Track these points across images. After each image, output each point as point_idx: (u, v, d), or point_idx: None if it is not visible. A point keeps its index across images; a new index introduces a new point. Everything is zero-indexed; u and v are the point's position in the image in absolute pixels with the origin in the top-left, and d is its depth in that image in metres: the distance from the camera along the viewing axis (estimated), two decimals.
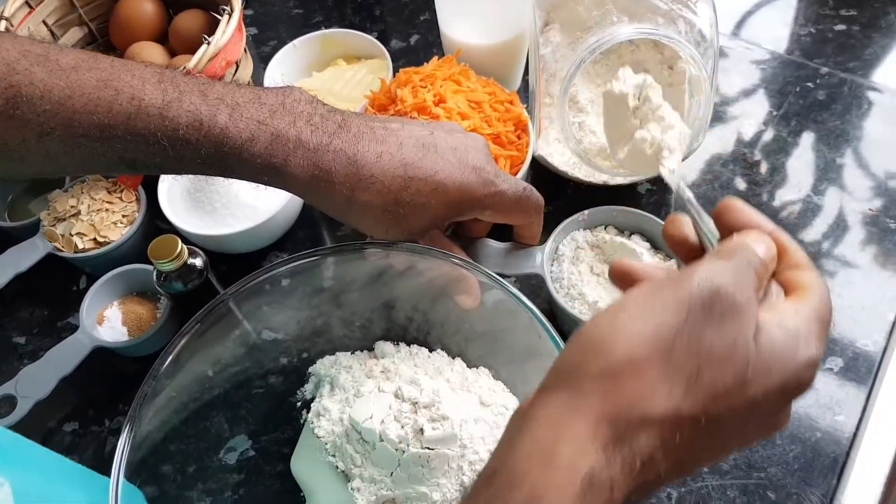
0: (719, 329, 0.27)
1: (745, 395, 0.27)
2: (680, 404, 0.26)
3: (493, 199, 0.45)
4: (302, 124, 0.42)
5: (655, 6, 0.54)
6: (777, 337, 0.27)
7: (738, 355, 0.26)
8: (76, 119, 0.39)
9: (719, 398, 0.26)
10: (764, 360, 0.27)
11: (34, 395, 0.52)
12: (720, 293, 0.27)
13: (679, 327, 0.27)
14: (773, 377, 0.27)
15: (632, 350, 0.27)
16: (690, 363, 0.26)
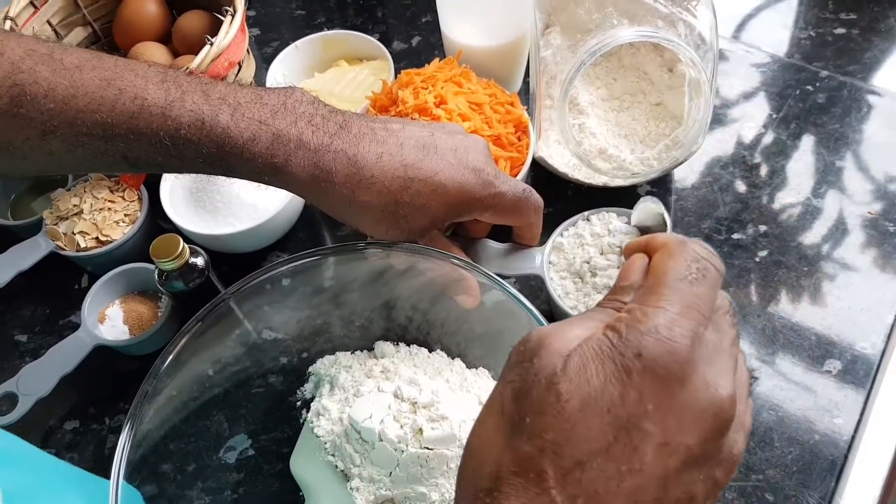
0: (527, 365, 0.26)
1: (566, 400, 0.24)
2: (517, 445, 0.25)
3: (493, 200, 0.45)
4: (303, 125, 0.42)
5: (655, 9, 0.54)
6: (597, 335, 0.26)
7: (542, 373, 0.25)
8: (79, 118, 0.40)
9: (543, 417, 0.25)
10: (575, 361, 0.25)
11: (35, 393, 0.53)
12: (525, 341, 0.27)
13: (503, 388, 0.27)
14: (591, 369, 0.25)
15: (475, 436, 0.27)
16: (514, 407, 0.26)
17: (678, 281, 0.27)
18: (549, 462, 0.24)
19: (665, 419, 0.24)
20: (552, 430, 0.24)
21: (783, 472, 0.49)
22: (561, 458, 0.24)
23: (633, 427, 0.24)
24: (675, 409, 0.24)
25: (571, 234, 0.53)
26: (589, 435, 0.24)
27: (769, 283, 0.58)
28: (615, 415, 0.24)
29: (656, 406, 0.24)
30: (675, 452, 0.24)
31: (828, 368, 0.54)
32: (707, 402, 0.25)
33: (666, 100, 0.60)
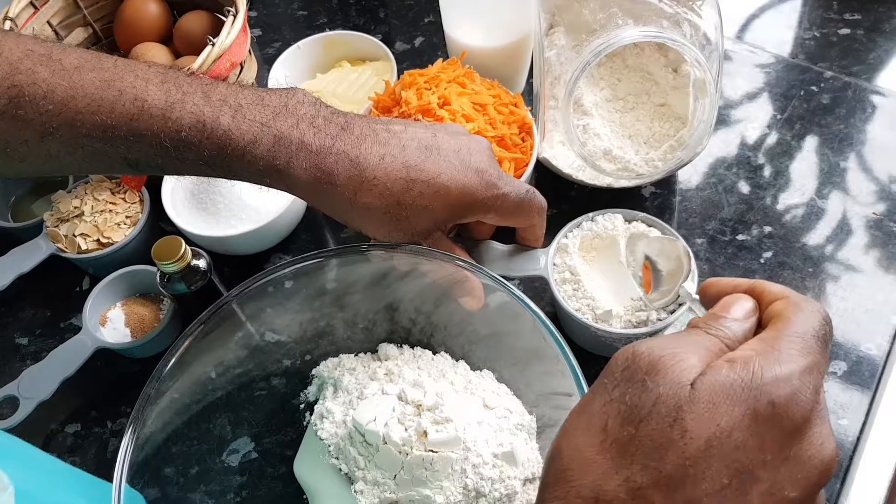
0: (641, 386, 0.26)
1: (692, 441, 0.24)
2: (628, 473, 0.25)
3: (496, 201, 0.45)
4: (305, 126, 0.42)
5: (660, 9, 0.54)
6: (723, 370, 0.25)
7: (663, 402, 0.25)
8: (79, 119, 0.39)
9: (663, 452, 0.25)
10: (703, 395, 0.25)
11: (36, 397, 0.52)
12: (634, 357, 0.27)
13: (606, 404, 0.26)
14: (719, 412, 0.25)
15: (573, 446, 0.27)
16: (625, 430, 0.25)
17: (811, 337, 0.27)
18: (661, 496, 0.24)
19: (778, 469, 0.24)
20: (671, 465, 0.24)
21: None
22: (673, 494, 0.24)
23: (748, 473, 0.24)
24: (790, 461, 0.25)
25: (576, 235, 0.53)
26: (707, 475, 0.24)
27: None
28: (735, 458, 0.24)
29: (774, 456, 0.24)
30: (778, 501, 0.25)
31: (833, 370, 0.53)
32: (818, 460, 0.25)
33: (670, 100, 0.60)
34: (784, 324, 0.28)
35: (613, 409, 0.26)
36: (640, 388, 0.26)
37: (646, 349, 0.27)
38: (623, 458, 0.25)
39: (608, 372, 0.27)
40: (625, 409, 0.26)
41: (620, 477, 0.25)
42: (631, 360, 0.27)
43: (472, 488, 0.42)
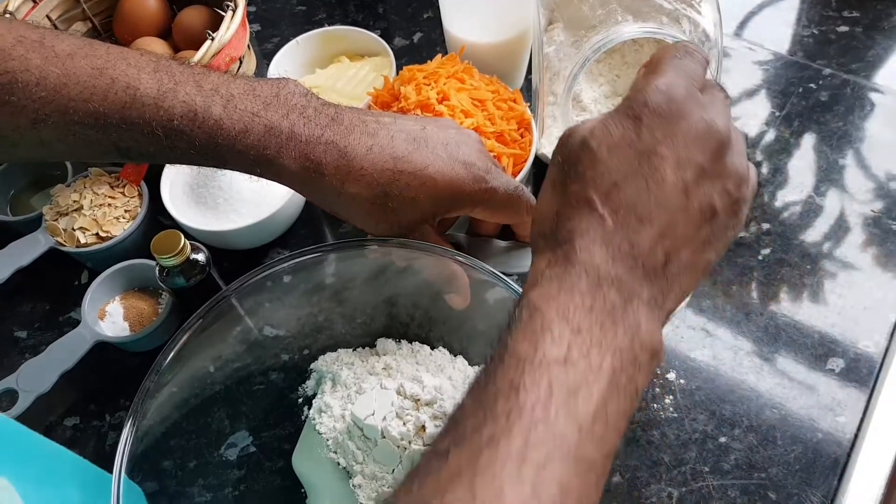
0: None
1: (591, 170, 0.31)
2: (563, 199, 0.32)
3: (484, 195, 0.45)
4: (295, 117, 0.42)
5: (660, 5, 0.54)
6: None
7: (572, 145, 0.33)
8: (71, 106, 0.39)
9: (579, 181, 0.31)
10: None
11: (35, 390, 0.52)
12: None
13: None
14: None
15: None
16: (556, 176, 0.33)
17: (669, 58, 0.33)
18: (593, 189, 0.31)
19: (674, 144, 0.31)
20: (589, 169, 0.31)
21: (786, 470, 0.49)
22: (601, 185, 0.31)
23: (650, 153, 0.30)
24: (681, 136, 0.31)
25: None
26: (618, 165, 0.31)
27: (772, 281, 0.58)
28: (635, 148, 0.31)
29: (665, 135, 0.31)
30: (687, 167, 0.31)
31: (830, 367, 0.54)
32: (705, 129, 0.31)
33: None
34: (650, 62, 0.34)
35: (553, 171, 0.33)
36: (563, 148, 0.33)
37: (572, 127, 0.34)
38: (563, 188, 0.32)
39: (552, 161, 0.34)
40: (558, 163, 0.33)
41: (565, 197, 0.32)
42: (561, 138, 0.34)
43: None
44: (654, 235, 0.30)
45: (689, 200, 0.31)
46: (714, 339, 0.56)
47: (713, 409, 0.52)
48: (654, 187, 0.30)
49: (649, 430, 0.52)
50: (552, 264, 0.31)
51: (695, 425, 0.52)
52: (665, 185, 0.30)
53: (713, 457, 0.50)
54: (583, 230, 0.30)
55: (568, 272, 0.30)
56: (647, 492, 0.49)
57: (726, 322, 0.56)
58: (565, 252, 0.31)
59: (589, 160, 0.31)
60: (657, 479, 0.50)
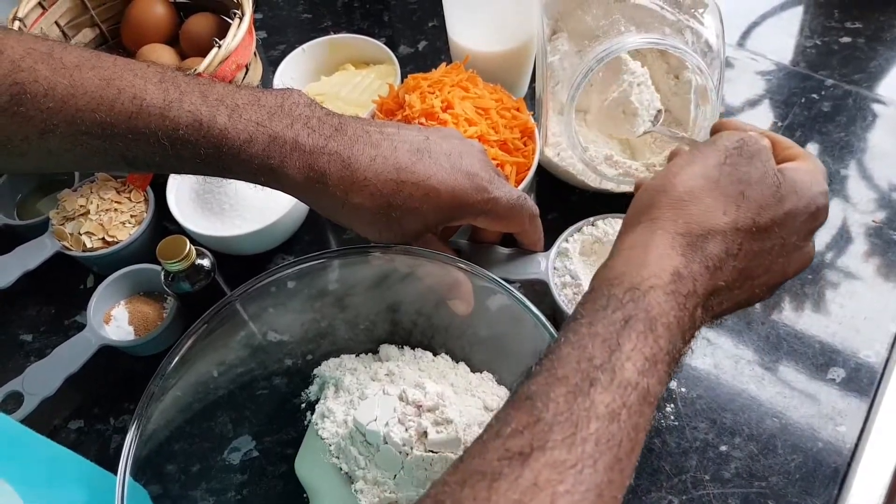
0: (750, 162, 0.38)
1: (782, 208, 0.37)
2: (735, 217, 0.36)
3: (486, 205, 0.45)
4: (299, 127, 0.42)
5: (663, 16, 0.54)
6: (794, 172, 0.39)
7: (769, 178, 0.37)
8: (78, 117, 0.40)
9: (763, 210, 0.37)
10: (790, 183, 0.38)
11: (40, 393, 0.53)
12: (745, 140, 0.39)
13: (720, 166, 0.38)
14: (799, 196, 0.38)
15: (689, 186, 0.37)
16: (735, 188, 0.37)
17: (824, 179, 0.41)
18: (750, 238, 0.37)
19: (796, 251, 0.39)
20: (765, 219, 0.37)
21: (786, 479, 0.49)
22: (758, 238, 0.37)
23: (790, 246, 0.38)
24: (803, 250, 0.40)
25: (577, 239, 0.53)
26: (779, 235, 0.37)
27: None
28: (793, 232, 0.38)
29: (801, 242, 0.39)
30: (783, 272, 0.39)
31: (831, 376, 0.54)
32: (809, 255, 0.41)
33: (672, 107, 0.60)
34: (814, 160, 0.41)
35: (727, 171, 0.37)
36: (750, 162, 0.38)
37: (753, 139, 0.39)
38: (731, 206, 0.36)
39: (720, 143, 0.39)
40: (737, 174, 0.37)
41: (728, 217, 0.36)
42: (742, 142, 0.39)
43: None
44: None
45: (787, 260, 0.39)
46: (715, 348, 0.56)
47: (714, 417, 0.52)
48: (777, 250, 0.38)
49: (650, 437, 0.52)
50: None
51: (695, 433, 0.52)
52: (780, 249, 0.38)
53: (714, 465, 0.50)
54: (719, 260, 0.36)
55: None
56: (647, 500, 0.49)
57: (727, 331, 0.57)
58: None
59: (771, 208, 0.37)
60: (658, 487, 0.50)
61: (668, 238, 0.35)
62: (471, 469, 0.29)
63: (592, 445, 0.29)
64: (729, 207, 0.36)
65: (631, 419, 0.30)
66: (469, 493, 0.27)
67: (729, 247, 0.35)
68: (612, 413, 0.29)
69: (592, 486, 0.28)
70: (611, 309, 0.33)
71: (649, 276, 0.33)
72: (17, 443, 0.41)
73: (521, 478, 0.27)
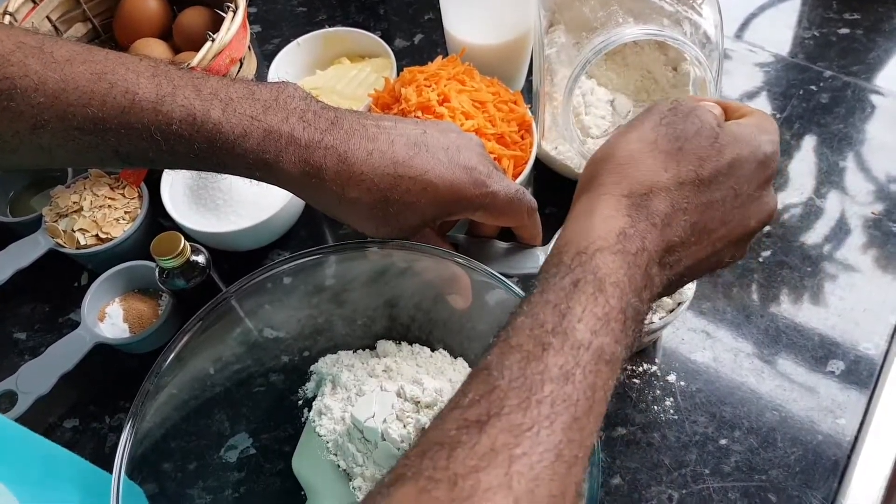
0: (686, 119, 0.37)
1: (723, 158, 0.36)
2: (675, 172, 0.36)
3: (484, 199, 0.45)
4: (294, 121, 0.42)
5: (661, 7, 0.54)
6: (737, 126, 0.38)
7: (705, 131, 0.37)
8: (70, 112, 0.39)
9: (703, 161, 0.36)
10: (729, 134, 0.37)
11: (35, 391, 0.52)
12: (678, 101, 0.39)
13: (656, 127, 0.37)
14: (741, 146, 0.37)
15: (628, 150, 0.37)
16: (672, 144, 0.37)
17: (775, 131, 0.40)
18: (695, 191, 0.36)
19: (752, 202, 0.38)
20: (707, 171, 0.36)
21: (786, 472, 0.49)
22: (703, 191, 0.36)
23: (741, 196, 0.37)
24: (759, 200, 0.38)
25: None
26: (723, 185, 0.36)
27: (772, 283, 0.58)
28: (739, 182, 0.37)
29: (753, 192, 0.37)
30: (743, 224, 0.38)
31: (831, 369, 0.54)
32: (768, 207, 0.38)
33: (670, 99, 0.60)
34: (758, 117, 0.40)
35: (663, 130, 0.37)
36: (685, 120, 0.37)
37: (685, 100, 0.39)
38: (671, 162, 0.36)
39: (654, 109, 0.39)
40: (672, 132, 0.37)
41: (669, 174, 0.36)
42: (676, 104, 0.38)
43: None
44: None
45: (742, 214, 0.38)
46: (714, 342, 0.56)
47: (713, 411, 0.52)
48: (731, 197, 0.37)
49: (649, 431, 0.52)
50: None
51: (695, 427, 0.52)
52: (736, 198, 0.37)
53: (713, 459, 0.50)
54: (665, 216, 0.35)
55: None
56: (647, 494, 0.49)
57: (727, 324, 0.56)
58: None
59: (711, 160, 0.36)
60: (657, 481, 0.50)
61: (612, 201, 0.35)
62: (431, 440, 0.29)
63: (548, 407, 0.29)
64: (669, 164, 0.36)
65: (586, 379, 0.30)
66: (429, 463, 0.28)
67: (675, 201, 0.35)
68: (565, 374, 0.30)
69: (550, 446, 0.28)
70: (560, 275, 0.33)
71: (595, 238, 0.34)
72: (11, 442, 0.40)
73: (478, 444, 0.27)
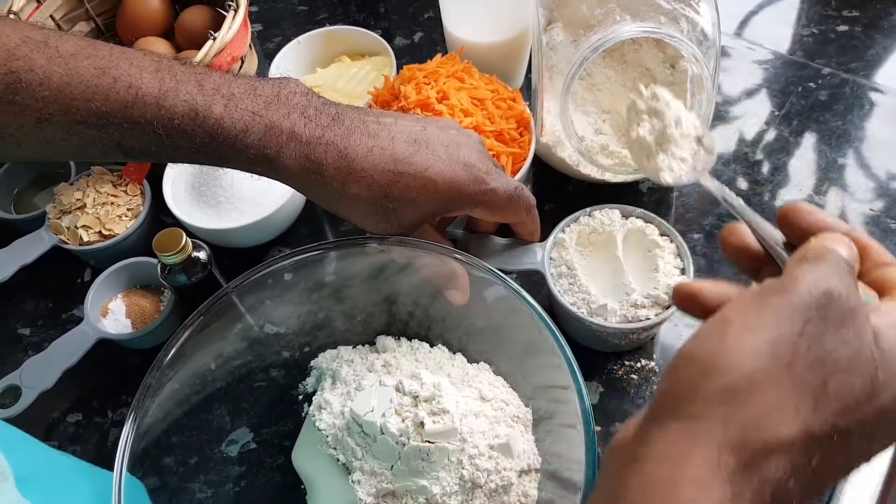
0: (838, 335, 0.24)
1: (877, 403, 0.24)
2: (810, 423, 0.24)
3: (484, 196, 0.45)
4: (296, 116, 0.42)
5: (658, 5, 0.54)
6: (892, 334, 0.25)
7: (863, 361, 0.24)
8: (74, 106, 0.40)
9: (849, 411, 0.24)
10: (889, 363, 0.25)
11: (38, 386, 0.53)
12: (833, 296, 0.25)
13: (796, 338, 0.24)
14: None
15: (749, 367, 0.24)
16: (815, 376, 0.24)
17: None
18: (827, 449, 0.24)
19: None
20: (852, 423, 0.24)
21: None
22: (842, 446, 0.25)
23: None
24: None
25: (573, 230, 0.53)
26: (875, 437, 0.25)
27: None
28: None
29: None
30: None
31: None
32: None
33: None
34: None
35: (805, 344, 0.24)
36: (838, 330, 0.24)
37: (844, 290, 0.25)
38: (805, 404, 0.24)
39: (799, 298, 0.25)
40: (820, 351, 0.24)
41: (799, 423, 0.24)
42: (831, 298, 0.25)
43: (469, 479, 0.43)
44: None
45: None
46: None
47: None
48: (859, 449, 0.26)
49: None
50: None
51: None
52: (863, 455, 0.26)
53: None
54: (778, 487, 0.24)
55: None
56: None
57: None
58: None
59: (862, 412, 0.25)
60: None
61: (711, 457, 0.23)
62: None
63: None
64: (803, 404, 0.24)
65: None
66: None
67: (797, 465, 0.24)
68: None
69: None
70: None
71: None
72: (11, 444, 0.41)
73: None
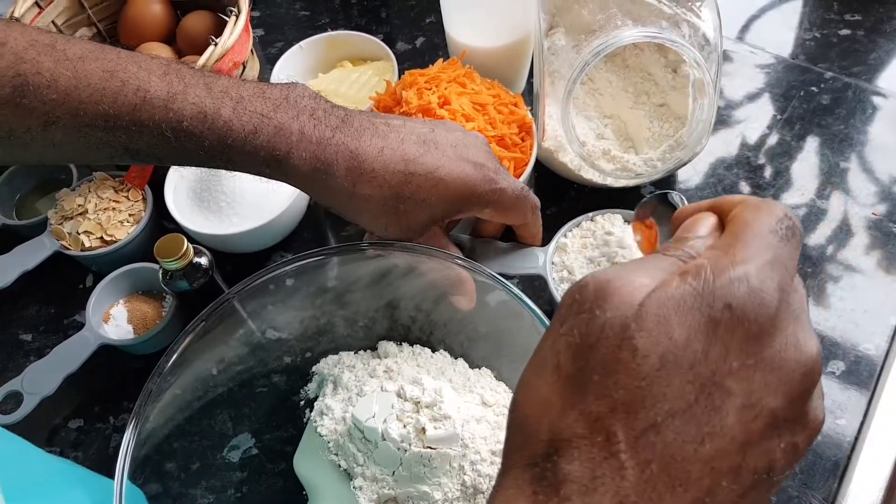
0: (588, 316, 0.23)
1: (643, 355, 0.22)
2: (583, 407, 0.22)
3: (494, 196, 0.45)
4: (305, 118, 0.42)
5: (660, 10, 0.54)
6: (673, 283, 0.23)
7: (610, 325, 0.22)
8: (82, 108, 0.40)
9: (614, 374, 0.22)
10: (651, 311, 0.22)
11: (40, 392, 0.53)
12: (581, 288, 0.24)
13: (555, 341, 0.24)
14: (673, 321, 0.22)
15: (529, 394, 0.24)
16: (576, 364, 0.23)
17: (768, 233, 0.24)
18: (621, 423, 0.22)
19: (751, 378, 0.22)
20: (625, 388, 0.22)
21: None
22: (634, 419, 0.21)
23: (715, 386, 0.22)
24: (762, 366, 0.22)
25: (575, 234, 0.53)
26: (667, 394, 0.21)
27: None
28: (698, 372, 0.22)
29: (742, 363, 0.22)
30: (759, 415, 0.22)
31: (831, 369, 0.54)
32: (795, 361, 0.22)
33: (670, 101, 0.60)
34: (738, 225, 0.25)
35: (563, 343, 0.23)
36: (588, 318, 0.23)
37: (592, 278, 0.24)
38: (576, 393, 0.23)
39: (558, 309, 0.24)
40: (574, 343, 0.23)
41: (575, 412, 0.22)
42: (578, 292, 0.24)
43: (470, 485, 0.43)
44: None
45: (745, 459, 0.22)
46: None
47: None
48: (705, 440, 0.21)
49: None
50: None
51: None
52: (721, 439, 0.21)
53: None
54: (587, 483, 0.21)
55: None
56: None
57: None
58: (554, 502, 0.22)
59: (628, 372, 0.22)
60: None
61: (514, 478, 0.24)
62: None
63: None
64: (575, 395, 0.23)
65: None
66: None
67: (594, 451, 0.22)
68: None
69: None
70: None
71: None
72: (8, 453, 0.41)
73: None
